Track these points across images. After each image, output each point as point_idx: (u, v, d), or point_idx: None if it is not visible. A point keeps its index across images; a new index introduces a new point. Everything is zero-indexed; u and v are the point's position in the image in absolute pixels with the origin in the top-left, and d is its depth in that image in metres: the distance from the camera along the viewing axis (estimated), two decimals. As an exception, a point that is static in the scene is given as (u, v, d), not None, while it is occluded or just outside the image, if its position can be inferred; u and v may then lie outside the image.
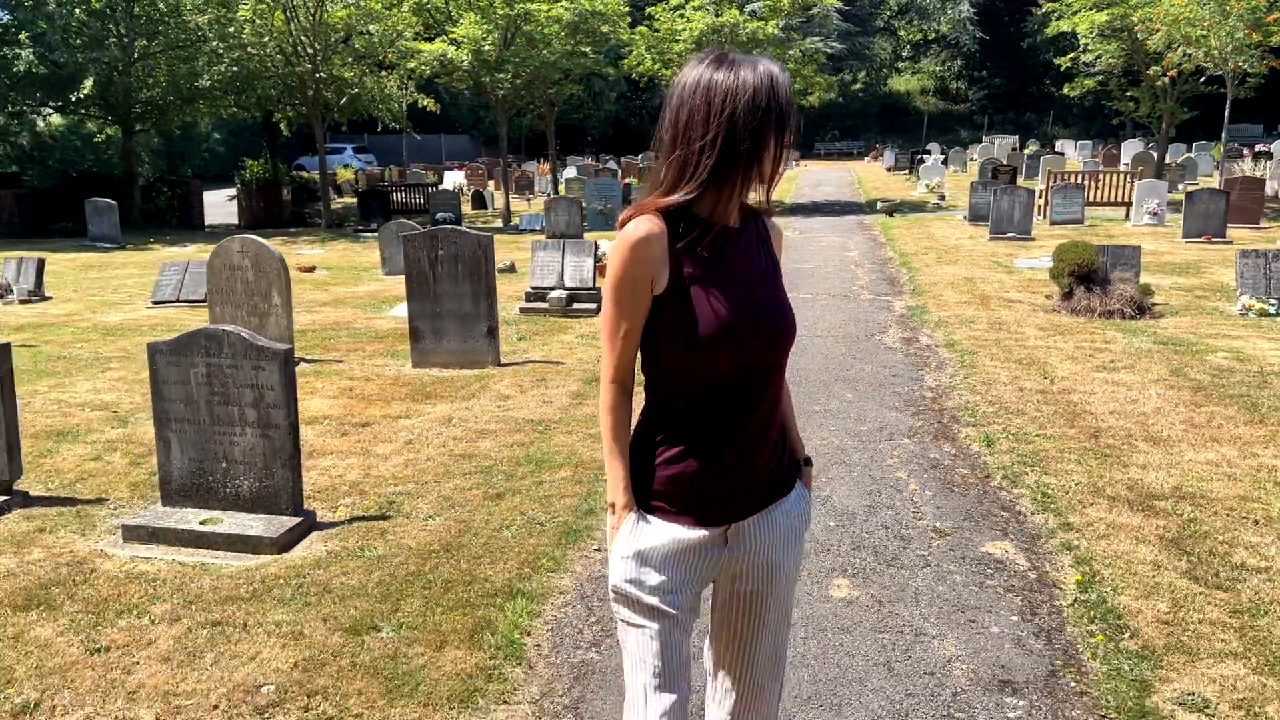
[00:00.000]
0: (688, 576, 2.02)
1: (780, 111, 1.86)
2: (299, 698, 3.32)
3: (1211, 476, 5.45)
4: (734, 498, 2.00)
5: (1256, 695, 3.33)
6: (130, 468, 5.87)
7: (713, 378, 1.92)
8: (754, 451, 2.00)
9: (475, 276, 8.13)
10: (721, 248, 1.94)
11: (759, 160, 1.87)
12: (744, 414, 1.96)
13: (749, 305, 1.93)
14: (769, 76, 1.85)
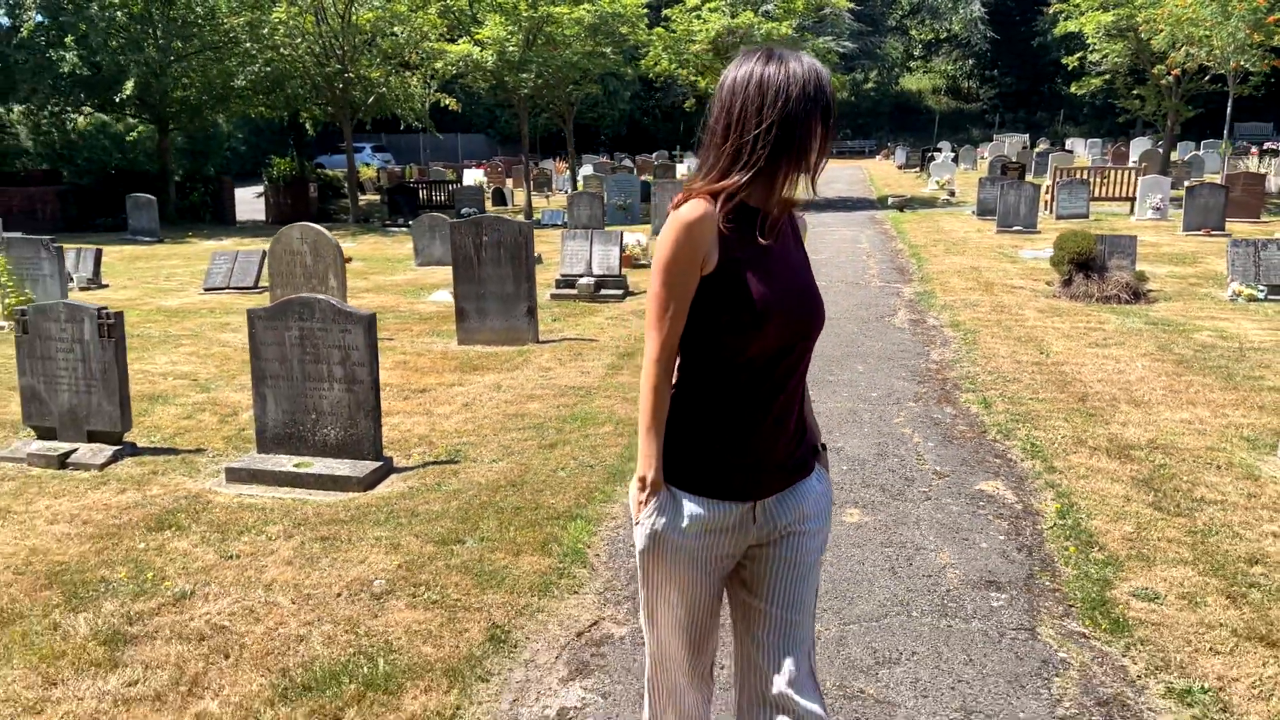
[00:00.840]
0: (715, 550, 2.10)
1: (826, 104, 1.98)
2: (406, 588, 4.04)
3: (1184, 432, 6.12)
4: (761, 474, 2.08)
5: (1198, 590, 4.01)
6: (220, 424, 6.60)
7: (751, 358, 2.01)
8: (780, 431, 2.09)
9: (516, 261, 8.84)
10: (768, 235, 2.03)
11: (806, 150, 1.99)
12: (774, 394, 2.05)
13: (791, 290, 2.03)
14: (815, 71, 1.97)
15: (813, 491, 2.18)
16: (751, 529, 2.10)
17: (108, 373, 5.92)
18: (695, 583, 2.12)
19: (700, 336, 2.02)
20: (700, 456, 2.06)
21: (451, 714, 3.17)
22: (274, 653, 3.54)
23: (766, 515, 2.11)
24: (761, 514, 2.10)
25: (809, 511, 2.16)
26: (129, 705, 3.22)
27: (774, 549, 2.13)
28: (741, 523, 2.09)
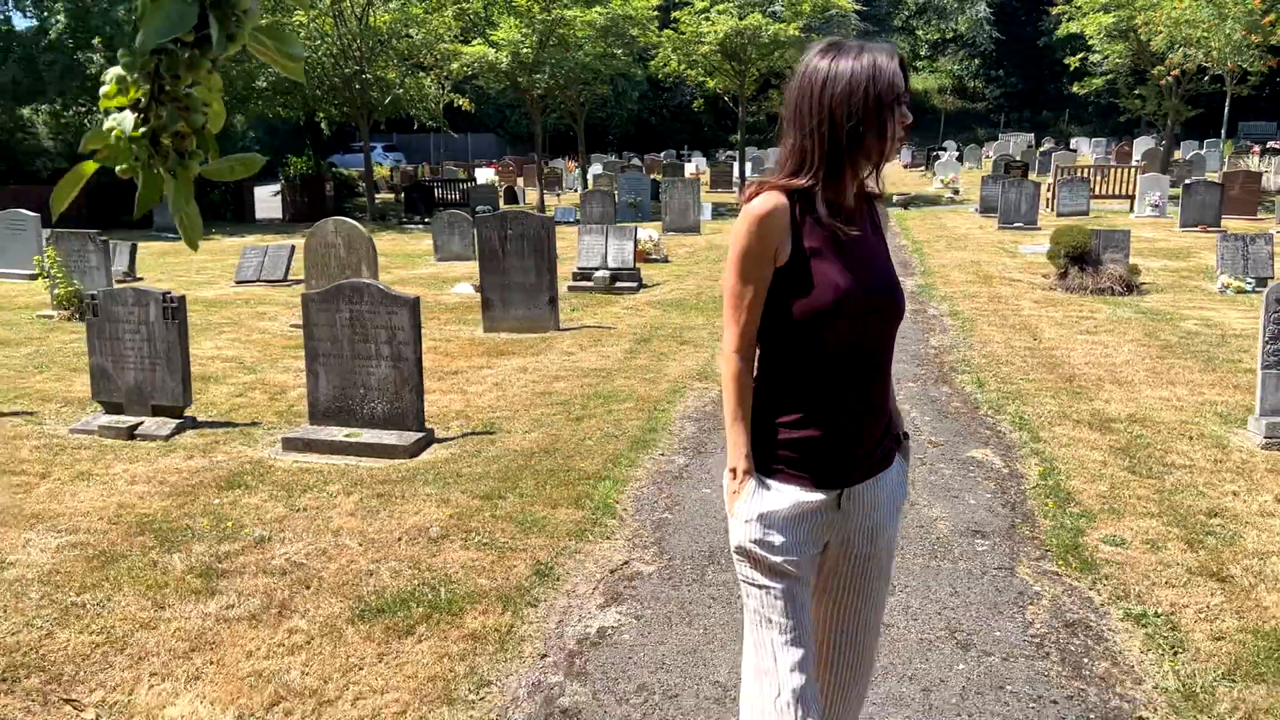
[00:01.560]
0: (806, 537, 2.11)
1: (892, 96, 1.99)
2: (458, 534, 4.57)
3: (1162, 408, 6.62)
4: (848, 463, 2.10)
5: (1160, 537, 4.52)
6: (270, 401, 7.14)
7: (829, 347, 2.03)
8: (865, 421, 2.11)
9: (539, 253, 9.37)
10: (843, 226, 2.04)
11: (872, 145, 2.01)
12: (858, 385, 2.07)
13: (865, 280, 2.04)
14: (874, 64, 1.98)
15: (890, 480, 2.20)
16: (836, 517, 2.13)
17: (171, 352, 6.45)
18: (798, 568, 2.11)
19: (779, 327, 2.05)
20: (790, 445, 2.08)
21: (507, 630, 3.70)
22: (348, 584, 4.07)
23: (852, 503, 2.13)
24: (847, 502, 2.13)
25: (886, 493, 2.19)
26: (229, 624, 3.75)
27: (852, 533, 2.17)
28: (828, 510, 2.12)
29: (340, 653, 3.53)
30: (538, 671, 3.45)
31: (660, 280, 12.97)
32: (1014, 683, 3.38)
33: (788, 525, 2.09)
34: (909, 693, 3.32)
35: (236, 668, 3.43)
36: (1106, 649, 3.60)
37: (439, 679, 3.36)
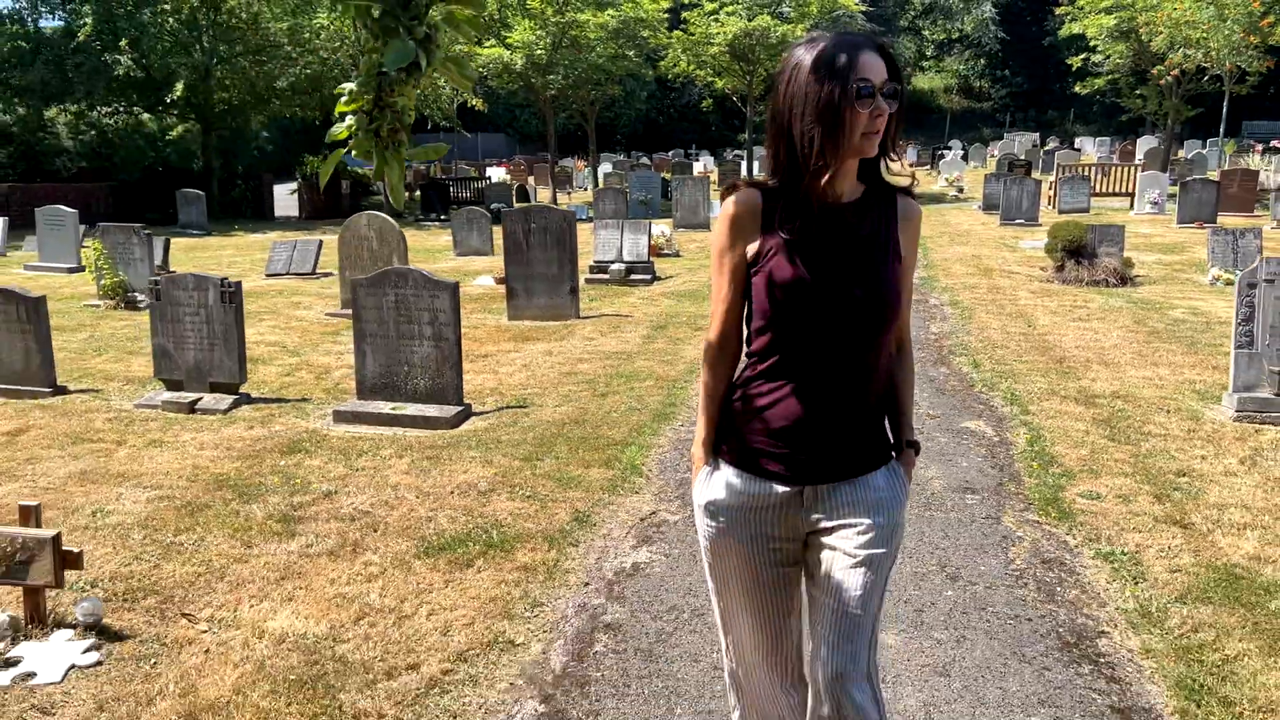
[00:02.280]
0: (762, 528, 2.11)
1: (834, 89, 1.88)
2: (504, 488, 5.11)
3: (1144, 385, 7.14)
4: (805, 458, 2.05)
5: (1131, 492, 5.05)
6: (316, 381, 7.70)
7: (789, 343, 2.02)
8: (830, 417, 2.04)
9: (561, 245, 9.92)
10: (816, 220, 1.99)
11: (824, 138, 1.91)
12: (822, 382, 2.02)
13: (834, 277, 1.98)
14: (830, 55, 1.90)
15: (873, 487, 2.10)
16: (801, 513, 2.09)
17: (228, 333, 7.01)
18: (750, 563, 2.13)
19: (751, 320, 2.08)
20: (743, 433, 2.09)
21: (553, 565, 4.24)
22: (411, 528, 4.62)
23: (821, 503, 2.09)
24: (813, 499, 2.08)
25: (866, 506, 2.08)
26: (311, 559, 4.30)
27: (828, 538, 2.09)
28: (788, 504, 2.09)
29: (411, 580, 4.08)
30: (582, 596, 3.99)
31: (673, 273, 13.51)
32: (995, 605, 3.91)
33: (737, 512, 2.10)
34: (903, 613, 3.85)
35: (323, 591, 3.98)
36: (1077, 580, 4.14)
37: (498, 600, 3.91)
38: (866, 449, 2.10)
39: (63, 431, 6.32)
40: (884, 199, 2.06)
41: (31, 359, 7.34)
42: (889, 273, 2.04)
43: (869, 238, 2.03)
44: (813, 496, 2.08)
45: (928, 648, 3.59)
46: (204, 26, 23.91)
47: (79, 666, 3.42)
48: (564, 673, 3.43)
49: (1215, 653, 3.51)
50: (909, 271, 2.13)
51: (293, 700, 3.20)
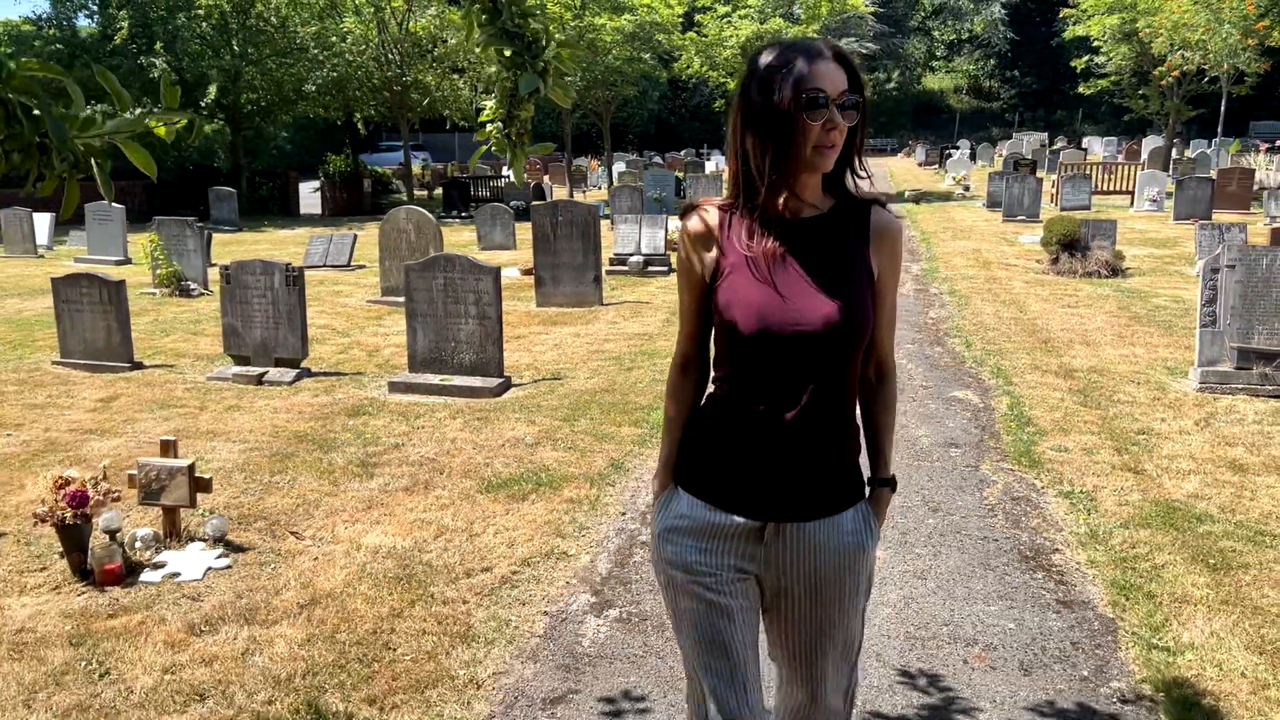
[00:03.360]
0: (719, 559, 1.97)
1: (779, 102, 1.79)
2: (548, 442, 5.88)
3: (1120, 362, 7.87)
4: (761, 492, 1.92)
5: (1096, 446, 5.78)
6: (368, 358, 8.48)
7: (741, 368, 1.91)
8: (794, 451, 1.90)
9: (585, 237, 10.68)
10: (773, 238, 1.89)
11: (772, 153, 1.83)
12: (785, 410, 1.88)
13: (778, 300, 1.85)
14: (776, 66, 1.81)
15: (840, 529, 1.96)
16: (759, 550, 1.96)
17: (291, 313, 7.80)
18: (705, 596, 1.96)
19: (716, 343, 1.98)
20: (702, 460, 1.99)
21: (595, 499, 5.01)
22: (471, 471, 5.39)
23: (783, 542, 1.95)
24: (774, 539, 1.95)
25: (830, 547, 1.96)
26: (390, 493, 5.07)
27: (790, 582, 1.99)
28: (745, 537, 1.95)
29: (476, 509, 4.85)
30: (620, 522, 4.75)
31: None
32: (969, 530, 4.66)
33: (693, 540, 1.97)
34: (891, 536, 4.60)
35: (404, 517, 4.75)
36: (1040, 512, 4.88)
37: (551, 524, 4.68)
38: (833, 486, 1.95)
39: (149, 399, 7.11)
40: (854, 214, 1.92)
41: (112, 337, 8.14)
42: (855, 293, 1.87)
43: (833, 256, 1.89)
44: (774, 534, 1.94)
45: (909, 560, 4.35)
46: (234, 30, 24.79)
47: (213, 569, 4.20)
48: (609, 575, 4.19)
49: (1146, 562, 4.25)
50: (887, 292, 1.95)
51: (393, 591, 3.97)
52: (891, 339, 2.06)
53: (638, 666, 3.48)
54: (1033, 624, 3.78)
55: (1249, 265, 7.26)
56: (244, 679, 3.34)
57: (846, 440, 1.95)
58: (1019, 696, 3.29)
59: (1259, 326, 7.21)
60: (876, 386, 2.08)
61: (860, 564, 1.99)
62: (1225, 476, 5.28)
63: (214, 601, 3.90)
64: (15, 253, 16.32)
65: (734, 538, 1.96)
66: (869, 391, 2.08)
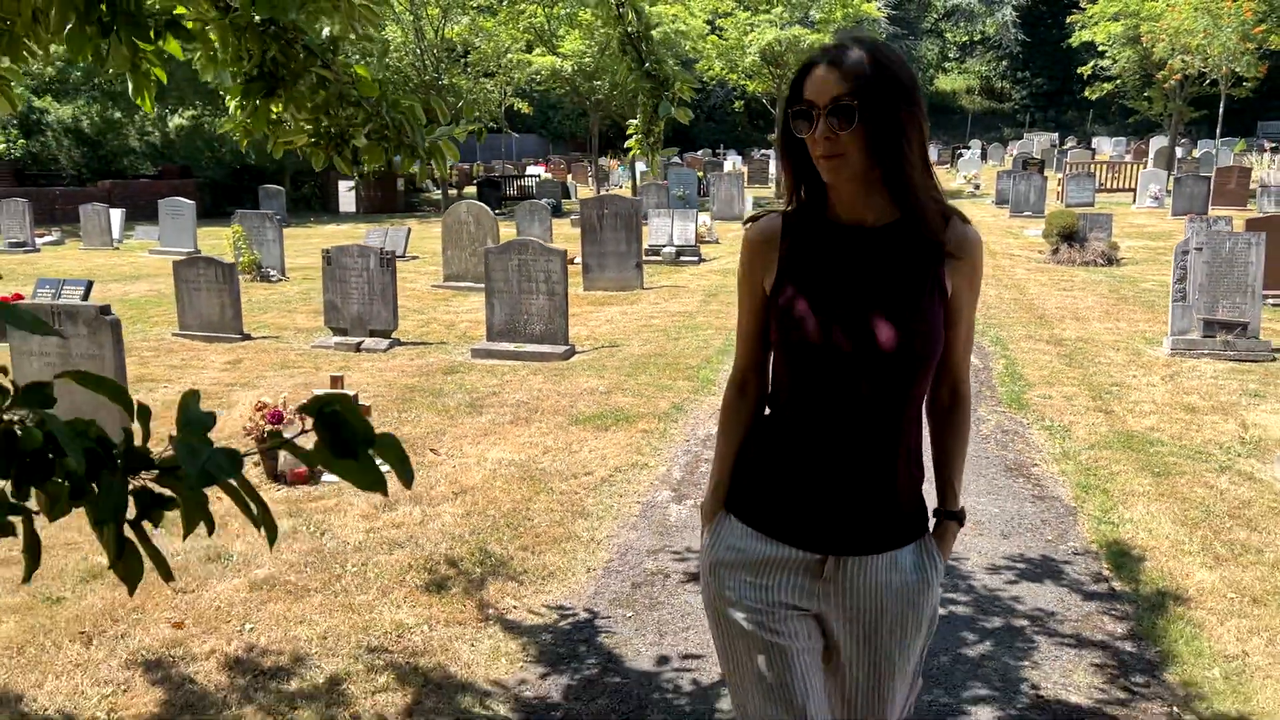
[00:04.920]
0: (775, 594, 1.83)
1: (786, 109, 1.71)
2: (617, 391, 7.09)
3: (1104, 334, 9.03)
4: (821, 522, 1.78)
5: (1075, 394, 6.95)
6: (447, 330, 9.71)
7: (796, 390, 1.79)
8: (852, 480, 1.76)
9: (629, 228, 11.89)
10: (832, 251, 1.77)
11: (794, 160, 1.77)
12: (843, 436, 1.75)
13: (838, 316, 1.72)
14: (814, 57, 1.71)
15: (900, 567, 1.82)
16: (818, 585, 1.82)
17: (385, 290, 9.02)
18: (758, 634, 1.84)
19: (774, 361, 1.87)
20: (756, 486, 1.87)
21: (663, 430, 6.20)
22: (560, 410, 6.60)
23: (842, 577, 1.81)
24: (834, 572, 1.81)
25: (892, 586, 1.82)
26: (499, 425, 6.28)
27: (847, 623, 1.85)
28: (804, 571, 1.82)
29: (571, 435, 6.06)
30: (685, 446, 5.95)
31: (716, 256, 15.46)
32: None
33: (744, 572, 1.85)
34: (903, 455, 5.79)
35: (515, 440, 5.96)
36: (1023, 439, 6.06)
37: (631, 446, 5.88)
38: (894, 519, 1.81)
39: (268, 361, 8.35)
40: (927, 228, 1.73)
41: (225, 312, 9.38)
42: (923, 312, 1.72)
43: (900, 271, 1.74)
44: (834, 569, 1.80)
45: (918, 469, 5.54)
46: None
47: (377, 473, 5.41)
48: (682, 479, 5.40)
49: (1104, 471, 5.43)
50: (963, 312, 1.80)
51: (521, 486, 5.19)
52: (968, 362, 1.91)
53: (714, 533, 4.68)
54: (1012, 510, 4.96)
55: (1214, 247, 8.41)
56: (426, 535, 4.55)
57: (908, 469, 1.80)
58: (999, 550, 4.47)
59: (1222, 300, 8.36)
60: (948, 412, 1.93)
61: (923, 602, 1.84)
62: (1179, 415, 6.45)
63: (378, 496, 5.11)
64: (94, 244, 17.64)
65: (791, 571, 1.82)
66: (940, 416, 1.93)
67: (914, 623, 1.85)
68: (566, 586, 4.13)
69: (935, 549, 1.87)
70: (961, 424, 1.95)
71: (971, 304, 1.82)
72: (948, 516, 1.93)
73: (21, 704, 3.20)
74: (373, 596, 3.96)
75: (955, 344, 1.85)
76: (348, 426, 1.05)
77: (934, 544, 1.87)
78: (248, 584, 4.05)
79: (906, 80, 1.69)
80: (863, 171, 1.69)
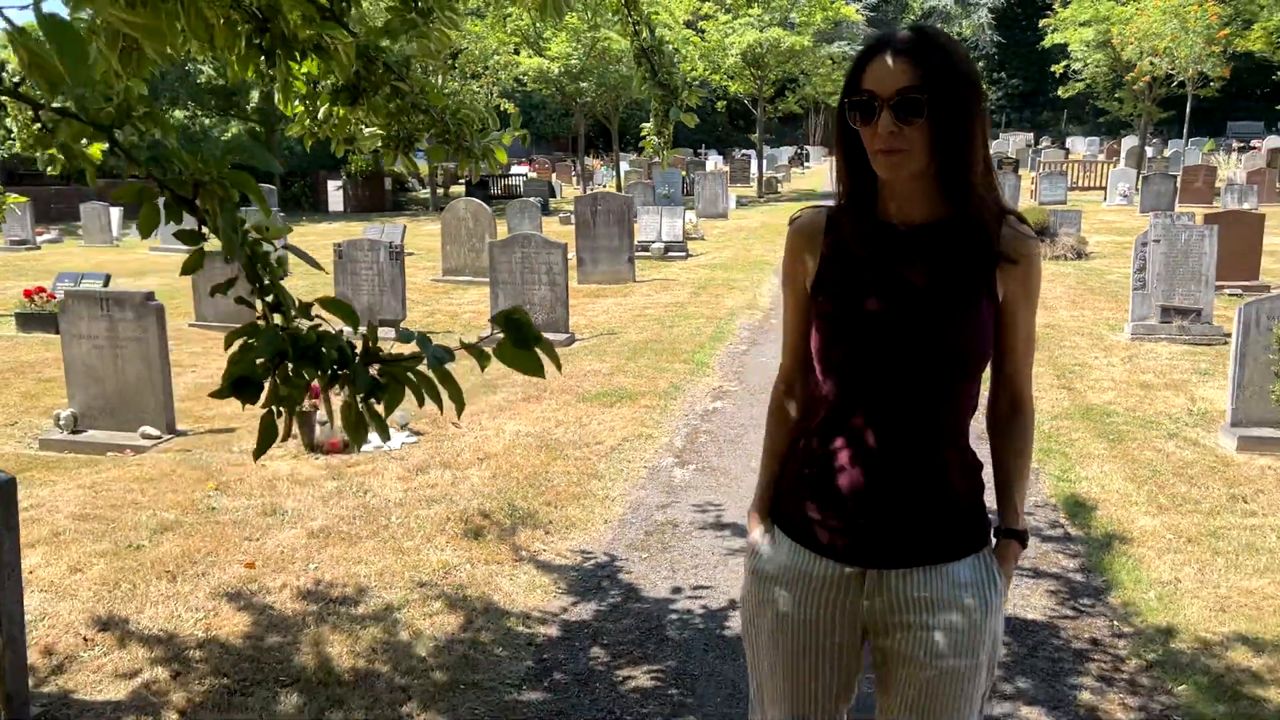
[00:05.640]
0: (812, 610, 1.75)
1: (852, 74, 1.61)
2: (619, 373, 7.63)
3: (1070, 321, 9.64)
4: (865, 534, 1.69)
5: (1039, 373, 7.54)
6: (452, 320, 10.23)
7: (849, 392, 1.70)
8: (898, 489, 1.67)
9: (621, 223, 12.43)
10: (876, 248, 1.68)
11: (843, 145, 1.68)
12: (887, 442, 1.67)
13: (877, 320, 1.65)
14: (869, 42, 1.63)
15: (953, 580, 1.69)
16: (862, 602, 1.72)
17: (394, 282, 9.53)
18: (790, 647, 1.78)
19: (817, 362, 1.74)
20: (798, 495, 1.77)
21: (664, 406, 6.75)
22: (568, 389, 7.13)
23: (886, 592, 1.70)
24: (876, 586, 1.71)
25: (943, 602, 1.68)
26: (513, 402, 6.81)
27: (896, 642, 1.72)
28: (844, 587, 1.72)
29: (580, 411, 6.60)
30: (685, 420, 6.50)
31: (703, 251, 16.03)
32: (939, 423, 6.43)
33: (785, 589, 1.77)
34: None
35: (529, 415, 6.50)
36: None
37: (636, 420, 6.42)
38: (947, 529, 1.71)
39: (286, 349, 8.83)
40: (979, 228, 1.65)
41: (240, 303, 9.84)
42: (966, 314, 1.65)
43: (947, 271, 1.66)
44: (876, 582, 1.72)
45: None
46: (271, 39, 26.52)
47: (406, 443, 5.94)
48: (684, 447, 5.95)
49: (1065, 438, 6.02)
50: (1019, 317, 1.73)
51: (539, 453, 5.72)
52: (1029, 371, 1.82)
53: (713, 491, 5.23)
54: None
55: (1171, 239, 9.04)
56: (458, 493, 5.08)
57: (959, 477, 1.71)
58: (968, 503, 5.04)
59: (1179, 288, 8.99)
60: (1007, 422, 1.84)
61: (981, 625, 1.69)
62: (1135, 391, 7.05)
63: (417, 459, 5.64)
64: (94, 242, 18.03)
65: (829, 586, 1.74)
66: (999, 428, 1.84)
67: (968, 641, 1.69)
68: (587, 534, 4.67)
69: (996, 568, 1.74)
70: (1021, 436, 1.83)
71: (1029, 311, 1.74)
72: (1008, 535, 1.78)
73: (128, 625, 3.72)
74: (418, 542, 4.49)
75: (1011, 352, 1.76)
76: (528, 327, 1.59)
77: (995, 562, 1.74)
78: (305, 533, 4.57)
79: (974, 75, 1.60)
80: (924, 168, 1.60)
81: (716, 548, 4.51)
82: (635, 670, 3.46)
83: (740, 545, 4.50)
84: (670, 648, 3.62)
